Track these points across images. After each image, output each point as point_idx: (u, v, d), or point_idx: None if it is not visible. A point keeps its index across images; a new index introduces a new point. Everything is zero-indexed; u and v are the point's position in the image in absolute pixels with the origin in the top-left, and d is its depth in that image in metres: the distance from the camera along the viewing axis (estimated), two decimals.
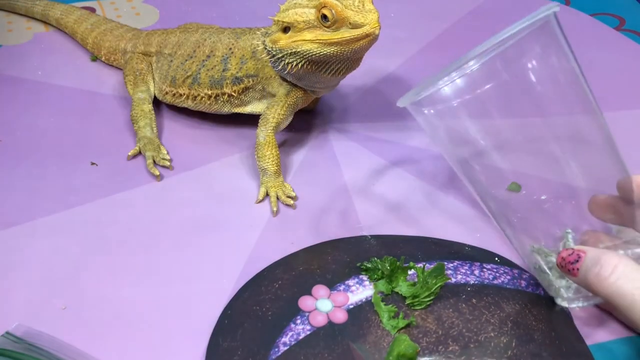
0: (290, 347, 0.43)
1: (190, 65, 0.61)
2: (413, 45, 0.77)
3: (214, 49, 0.60)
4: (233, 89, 0.59)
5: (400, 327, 0.44)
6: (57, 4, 0.77)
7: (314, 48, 0.51)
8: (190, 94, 0.61)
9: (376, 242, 0.51)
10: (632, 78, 0.73)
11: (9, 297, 0.47)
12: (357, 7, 0.50)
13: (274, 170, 0.55)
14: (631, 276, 0.37)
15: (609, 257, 0.38)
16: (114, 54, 0.70)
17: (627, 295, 0.37)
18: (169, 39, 0.64)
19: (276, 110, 0.57)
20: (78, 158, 0.59)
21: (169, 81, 0.62)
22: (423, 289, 0.46)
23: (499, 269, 0.49)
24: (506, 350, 0.43)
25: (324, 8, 0.50)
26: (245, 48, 0.58)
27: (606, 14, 0.85)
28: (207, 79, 0.60)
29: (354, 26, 0.50)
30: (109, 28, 0.71)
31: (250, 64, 0.58)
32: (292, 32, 0.52)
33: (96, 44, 0.71)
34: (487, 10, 0.85)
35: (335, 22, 0.50)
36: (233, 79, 0.59)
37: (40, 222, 0.53)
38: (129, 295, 0.47)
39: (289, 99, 0.57)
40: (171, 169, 0.58)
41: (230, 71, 0.59)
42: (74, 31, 0.74)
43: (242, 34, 0.59)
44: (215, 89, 0.60)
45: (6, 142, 0.61)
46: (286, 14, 0.52)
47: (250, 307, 0.46)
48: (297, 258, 0.50)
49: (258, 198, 0.55)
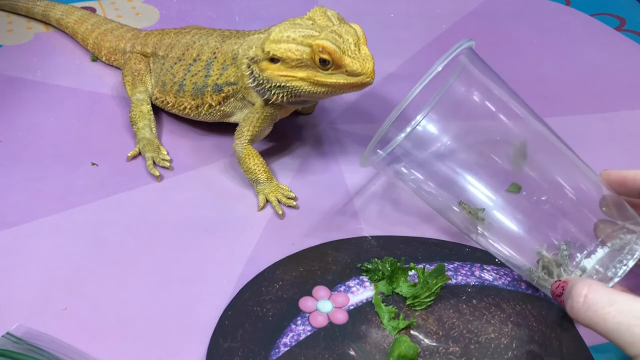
0: (291, 348, 0.43)
1: (178, 70, 0.59)
2: (413, 45, 0.77)
3: (201, 53, 0.58)
4: (213, 98, 0.57)
5: (400, 328, 0.44)
6: (58, 5, 0.76)
7: (304, 86, 0.50)
8: (177, 102, 0.60)
9: (377, 243, 0.51)
10: (632, 78, 0.73)
11: (9, 298, 0.47)
12: (354, 52, 0.48)
13: (264, 178, 0.55)
14: (600, 303, 0.37)
15: (579, 288, 0.38)
16: (114, 54, 0.69)
17: (600, 324, 0.37)
18: (163, 40, 0.63)
19: (252, 123, 0.55)
20: (78, 158, 0.59)
21: (160, 86, 0.61)
22: (423, 289, 0.46)
23: (500, 270, 0.49)
24: (506, 351, 0.43)
25: (322, 52, 0.48)
26: (226, 53, 0.56)
27: (606, 14, 0.85)
28: (190, 86, 0.58)
29: (351, 74, 0.49)
30: (109, 28, 0.71)
31: (231, 70, 0.56)
32: (283, 66, 0.50)
33: (97, 44, 0.71)
34: (487, 10, 0.85)
35: (332, 67, 0.49)
36: (214, 86, 0.57)
37: (40, 222, 0.53)
38: (130, 295, 0.47)
39: (266, 110, 0.55)
40: (171, 170, 0.58)
41: (211, 77, 0.57)
42: (75, 32, 0.74)
43: (228, 37, 0.58)
44: (197, 98, 0.58)
45: (6, 142, 0.61)
46: (278, 47, 0.50)
47: (250, 307, 0.46)
48: (298, 259, 0.50)
49: (259, 206, 0.54)
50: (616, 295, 0.37)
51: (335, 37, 0.49)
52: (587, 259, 0.43)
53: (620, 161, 0.60)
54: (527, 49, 0.77)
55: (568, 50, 0.77)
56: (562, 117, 0.66)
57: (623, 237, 0.42)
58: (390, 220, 0.54)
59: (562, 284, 0.41)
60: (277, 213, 0.54)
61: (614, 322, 0.36)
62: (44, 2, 0.77)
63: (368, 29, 0.49)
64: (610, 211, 0.44)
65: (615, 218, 0.44)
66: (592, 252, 0.43)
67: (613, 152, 0.62)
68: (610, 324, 0.36)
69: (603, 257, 0.43)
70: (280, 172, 0.58)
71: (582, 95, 0.70)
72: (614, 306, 0.36)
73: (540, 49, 0.77)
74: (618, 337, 0.36)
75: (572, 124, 0.66)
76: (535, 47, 0.78)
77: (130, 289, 0.48)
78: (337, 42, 0.48)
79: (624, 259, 0.42)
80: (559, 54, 0.76)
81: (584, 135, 0.64)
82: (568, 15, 0.84)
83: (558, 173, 0.46)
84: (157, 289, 0.48)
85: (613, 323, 0.36)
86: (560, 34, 0.80)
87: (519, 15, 0.83)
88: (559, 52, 0.77)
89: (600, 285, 0.38)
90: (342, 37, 0.49)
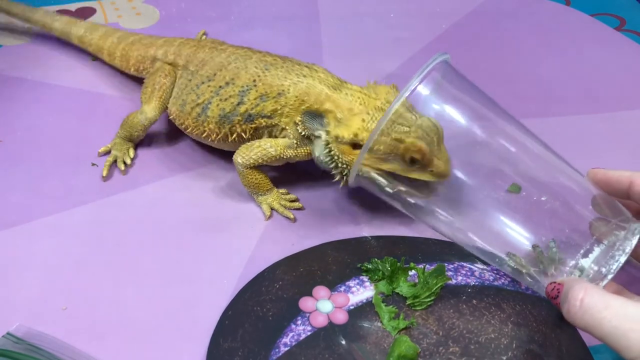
0: (291, 348, 0.43)
1: (205, 90, 0.55)
2: (413, 45, 0.77)
3: (236, 77, 0.54)
4: (243, 127, 0.53)
5: (400, 327, 0.44)
6: (80, 22, 0.72)
7: (384, 177, 0.48)
8: (196, 127, 0.56)
9: (377, 242, 0.51)
10: (632, 78, 0.73)
11: (9, 298, 0.47)
12: (438, 151, 0.47)
13: (265, 189, 0.54)
14: (596, 307, 0.37)
15: (575, 291, 0.38)
16: (143, 62, 0.64)
17: (596, 328, 0.37)
18: (197, 54, 0.58)
19: (265, 153, 0.52)
20: (78, 158, 0.59)
21: (179, 105, 0.57)
22: (424, 289, 0.46)
23: (500, 270, 0.49)
24: (506, 351, 0.43)
25: (416, 152, 0.46)
26: (272, 86, 0.52)
27: (606, 14, 0.85)
28: (217, 111, 0.54)
29: (435, 175, 0.47)
30: (137, 39, 0.66)
31: (270, 104, 0.52)
32: (367, 154, 0.46)
33: (124, 55, 0.66)
34: (487, 10, 0.85)
35: (419, 165, 0.47)
36: (246, 115, 0.53)
37: (40, 222, 0.53)
38: (130, 295, 0.47)
39: (287, 152, 0.52)
40: (124, 174, 0.58)
41: (245, 105, 0.53)
42: (100, 48, 0.69)
43: (272, 65, 0.54)
44: (224, 127, 0.54)
45: (6, 142, 0.61)
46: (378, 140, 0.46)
47: (250, 307, 0.46)
48: (298, 259, 0.50)
49: (266, 215, 0.54)
50: (612, 299, 0.37)
51: (425, 134, 0.46)
52: (584, 258, 0.43)
53: (620, 161, 0.60)
54: (526, 49, 0.77)
55: (568, 50, 0.77)
56: (562, 117, 0.66)
57: (617, 234, 0.42)
58: (390, 220, 0.54)
59: (557, 286, 0.41)
60: (288, 218, 0.54)
61: (610, 326, 0.36)
62: (64, 17, 0.72)
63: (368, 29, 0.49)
64: (601, 209, 0.44)
65: (607, 216, 0.44)
66: (590, 251, 0.43)
67: (613, 152, 0.62)
68: (607, 328, 0.36)
69: (599, 255, 0.43)
70: (280, 173, 0.58)
71: (582, 95, 0.70)
72: (610, 310, 0.36)
73: (540, 49, 0.77)
74: (614, 341, 0.36)
75: (572, 124, 0.66)
76: (535, 47, 0.78)
77: (131, 289, 0.48)
78: (427, 141, 0.46)
79: (615, 254, 0.42)
80: (559, 54, 0.76)
81: (583, 136, 0.64)
82: (568, 15, 0.84)
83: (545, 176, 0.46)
84: (157, 289, 0.48)
85: (609, 327, 0.36)
86: (560, 34, 0.80)
87: (519, 15, 0.83)
88: (559, 52, 0.77)
89: (596, 288, 0.38)
90: (429, 136, 0.46)
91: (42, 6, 0.77)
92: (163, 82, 0.59)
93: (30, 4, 0.74)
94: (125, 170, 0.58)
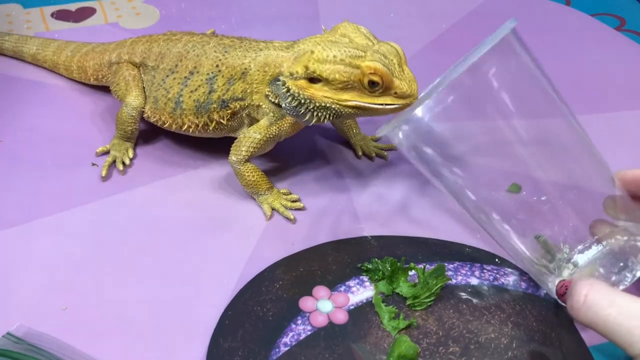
0: (291, 348, 0.43)
1: (172, 84, 0.55)
2: (413, 45, 0.77)
3: (198, 65, 0.54)
4: (220, 114, 0.54)
5: (400, 328, 0.44)
6: (31, 39, 0.70)
7: (349, 109, 0.48)
8: (174, 122, 0.56)
9: (377, 242, 0.51)
10: (632, 78, 0.73)
11: (9, 298, 0.47)
12: (399, 72, 0.47)
13: (264, 188, 0.54)
14: (600, 304, 0.37)
15: (579, 287, 0.38)
16: (100, 70, 0.63)
17: (600, 324, 0.37)
18: (152, 49, 0.58)
19: (252, 142, 0.53)
20: (78, 159, 0.59)
21: (151, 103, 0.57)
22: (423, 289, 0.46)
23: (500, 270, 0.49)
24: (506, 351, 0.43)
25: (374, 75, 0.46)
26: (234, 67, 0.53)
27: (606, 14, 0.85)
28: (191, 103, 0.54)
29: (400, 96, 0.47)
30: (90, 48, 0.66)
31: (238, 85, 0.53)
32: (326, 87, 0.48)
33: (81, 67, 0.65)
34: (487, 11, 0.85)
35: (380, 89, 0.47)
36: (220, 102, 0.53)
37: (40, 222, 0.53)
38: (130, 295, 0.47)
39: (271, 130, 0.53)
40: (123, 174, 0.57)
41: (216, 93, 0.53)
42: (55, 64, 0.68)
43: (231, 47, 0.54)
44: (202, 116, 0.54)
45: (6, 142, 0.61)
46: (325, 67, 0.47)
47: (251, 307, 0.46)
48: (298, 259, 0.50)
49: (267, 215, 0.54)
50: (617, 295, 0.37)
51: (382, 57, 0.47)
52: (579, 254, 0.43)
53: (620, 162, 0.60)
54: None
55: (568, 50, 0.77)
56: None
57: (619, 239, 0.42)
58: (390, 220, 0.54)
59: (565, 283, 0.41)
60: (288, 219, 0.54)
61: (614, 323, 0.36)
62: (14, 36, 0.71)
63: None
64: (614, 212, 0.44)
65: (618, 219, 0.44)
66: (587, 248, 0.43)
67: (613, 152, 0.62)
68: (611, 324, 0.36)
69: (598, 255, 0.43)
70: (279, 173, 0.58)
71: (582, 96, 0.70)
72: (615, 307, 0.36)
73: (540, 49, 0.77)
74: (618, 338, 0.36)
75: None
76: (535, 47, 0.77)
77: (130, 289, 0.48)
78: (385, 63, 0.47)
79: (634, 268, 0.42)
80: (559, 54, 0.76)
81: None
82: (568, 15, 0.84)
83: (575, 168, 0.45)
84: (157, 288, 0.48)
85: (613, 324, 0.36)
86: (560, 34, 0.80)
87: (519, 15, 0.82)
88: (559, 52, 0.77)
89: (601, 285, 0.38)
90: (387, 58, 0.47)
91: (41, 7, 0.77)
92: (132, 74, 0.59)
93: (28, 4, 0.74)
94: (124, 170, 0.58)
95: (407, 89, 0.47)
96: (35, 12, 0.80)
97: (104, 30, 0.77)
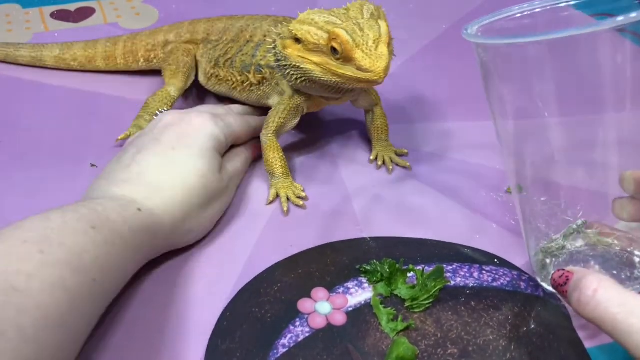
0: (289, 349, 0.43)
1: (231, 49, 0.61)
2: (413, 45, 0.77)
3: (253, 35, 0.60)
4: (255, 77, 0.59)
5: (399, 329, 0.44)
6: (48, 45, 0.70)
7: (317, 71, 0.50)
8: (226, 76, 0.61)
9: (375, 244, 0.51)
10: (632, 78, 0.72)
11: None
12: (369, 48, 0.48)
13: (280, 172, 0.55)
14: (610, 302, 0.36)
15: (589, 281, 0.37)
16: (154, 50, 0.68)
17: (607, 323, 0.36)
18: (215, 26, 0.65)
19: (277, 114, 0.56)
20: (78, 159, 0.59)
21: (213, 63, 0.63)
22: (422, 291, 0.46)
23: (499, 271, 0.49)
24: (505, 353, 0.43)
25: (335, 41, 0.48)
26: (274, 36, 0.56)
27: (606, 14, 0.85)
28: (239, 63, 0.60)
29: (360, 69, 0.48)
30: (132, 35, 0.69)
31: (272, 56, 0.56)
32: (302, 47, 0.51)
33: (128, 51, 0.68)
34: (487, 11, 0.84)
35: (343, 57, 0.48)
36: (257, 66, 0.58)
37: None
38: (128, 296, 0.47)
39: (292, 101, 0.56)
40: None
41: (257, 58, 0.58)
42: (91, 57, 0.69)
43: (281, 23, 0.58)
44: (243, 75, 0.60)
45: (6, 143, 0.61)
46: (301, 27, 0.50)
47: (249, 309, 0.46)
48: (296, 260, 0.50)
49: (268, 199, 0.55)
50: (629, 296, 0.36)
51: (355, 29, 0.48)
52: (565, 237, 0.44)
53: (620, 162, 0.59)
54: None
55: None
56: None
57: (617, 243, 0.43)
58: (389, 221, 0.54)
59: (566, 273, 0.40)
60: (282, 208, 0.54)
61: (625, 323, 0.35)
62: (27, 45, 0.71)
63: None
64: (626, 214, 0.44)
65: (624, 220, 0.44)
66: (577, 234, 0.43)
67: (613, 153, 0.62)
68: (620, 325, 0.35)
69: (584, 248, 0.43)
70: None
71: (582, 96, 0.70)
72: (626, 307, 0.35)
73: None
74: (626, 339, 0.35)
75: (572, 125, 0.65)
76: None
77: (129, 289, 0.48)
78: (355, 34, 0.48)
79: None
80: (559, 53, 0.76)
81: None
82: (568, 14, 0.84)
83: None
84: (155, 289, 0.48)
85: (624, 325, 0.35)
86: None
87: None
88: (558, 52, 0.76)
89: (612, 282, 0.37)
90: (363, 31, 0.48)
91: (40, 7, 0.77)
92: (187, 61, 0.64)
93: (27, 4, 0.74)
94: None
95: (368, 64, 0.48)
96: (35, 12, 0.80)
97: (104, 31, 0.77)
